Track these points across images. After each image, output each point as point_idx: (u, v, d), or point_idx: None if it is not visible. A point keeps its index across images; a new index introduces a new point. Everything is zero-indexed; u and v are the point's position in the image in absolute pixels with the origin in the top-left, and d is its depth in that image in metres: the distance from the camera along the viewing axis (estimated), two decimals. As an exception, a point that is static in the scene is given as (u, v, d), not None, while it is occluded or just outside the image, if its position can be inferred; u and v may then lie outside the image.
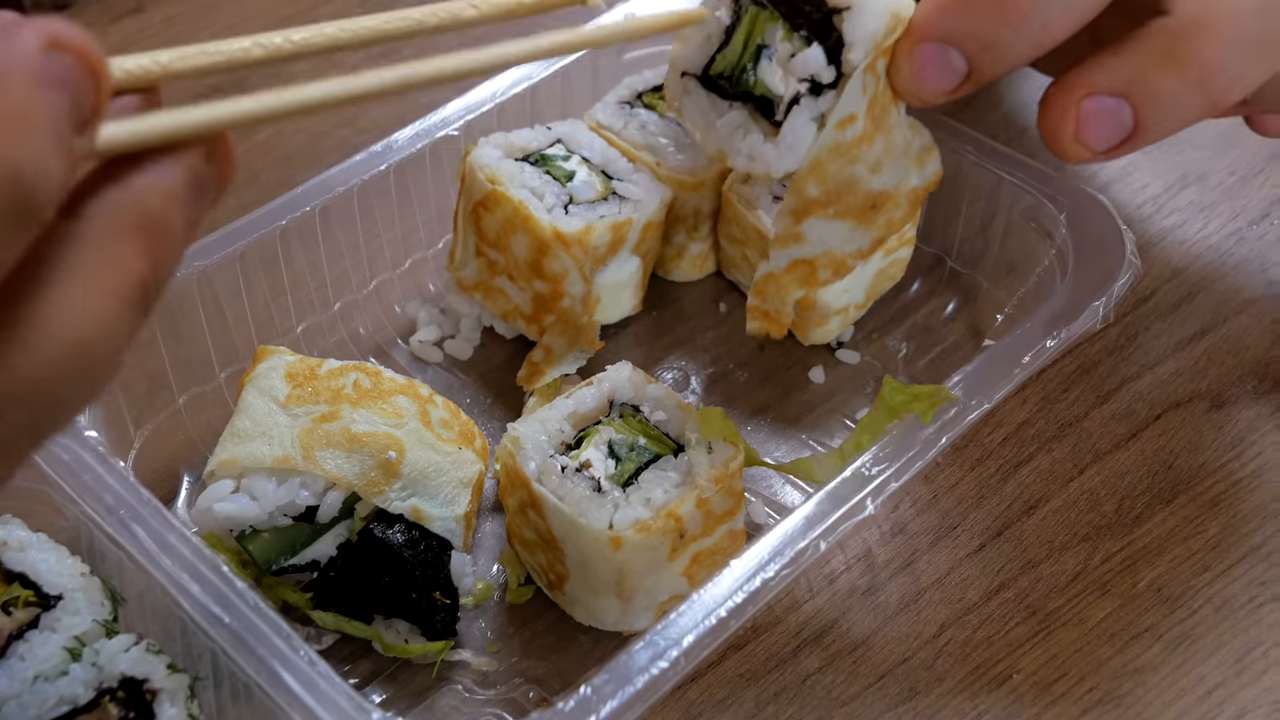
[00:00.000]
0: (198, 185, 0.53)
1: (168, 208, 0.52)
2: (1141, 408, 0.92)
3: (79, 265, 0.49)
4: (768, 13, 0.73)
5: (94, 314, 0.49)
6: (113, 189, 0.51)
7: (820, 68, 0.71)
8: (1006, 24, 0.67)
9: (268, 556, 0.78)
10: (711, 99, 0.74)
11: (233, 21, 1.19)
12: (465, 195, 0.91)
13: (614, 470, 0.78)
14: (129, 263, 0.50)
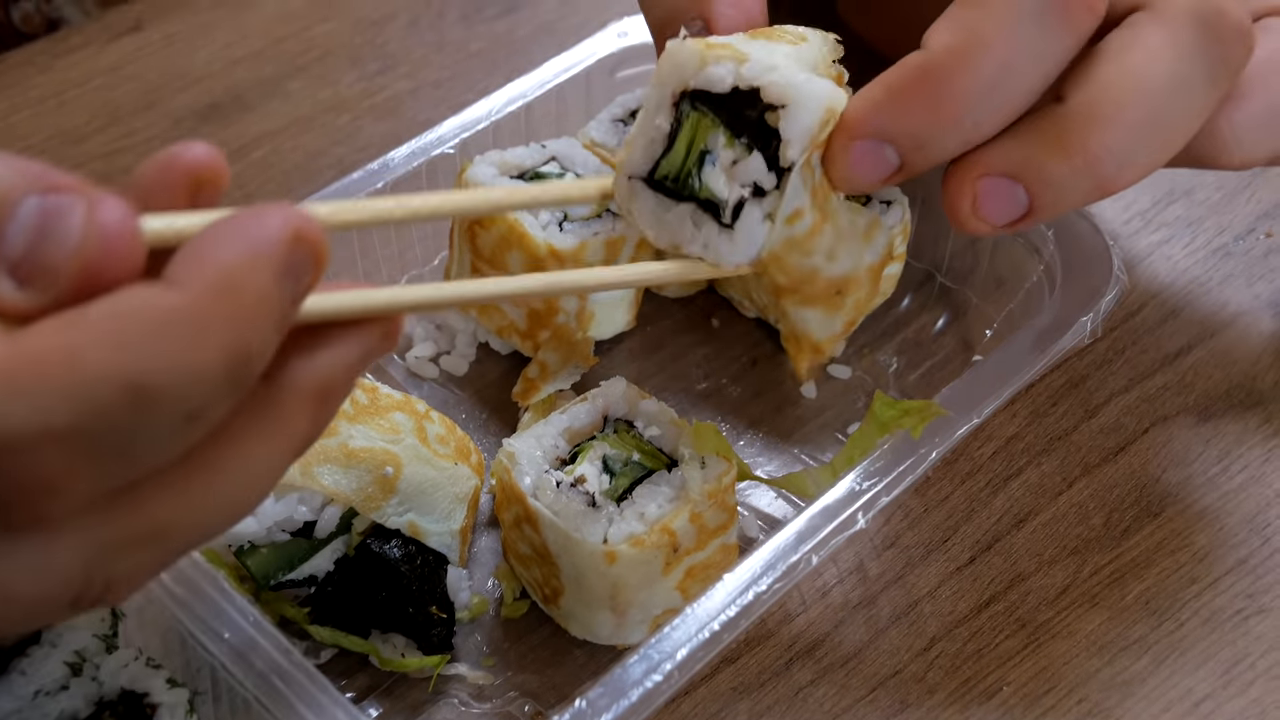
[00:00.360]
0: (369, 359, 0.59)
1: (342, 381, 0.58)
2: (1129, 421, 0.93)
3: (262, 427, 0.55)
4: (708, 119, 0.73)
5: (261, 464, 0.55)
6: (302, 361, 0.56)
7: (762, 174, 0.72)
8: (940, 125, 0.68)
9: (266, 571, 0.79)
10: (659, 198, 0.74)
11: (231, 40, 1.20)
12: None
13: (608, 485, 0.79)
14: (301, 428, 0.56)
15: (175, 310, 0.49)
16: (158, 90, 1.16)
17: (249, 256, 0.51)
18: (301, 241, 0.52)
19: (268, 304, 0.51)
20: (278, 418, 0.55)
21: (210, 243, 0.51)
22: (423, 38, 1.20)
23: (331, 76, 1.17)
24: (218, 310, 0.50)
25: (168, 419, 0.49)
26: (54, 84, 1.16)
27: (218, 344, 0.49)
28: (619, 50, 1.03)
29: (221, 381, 0.50)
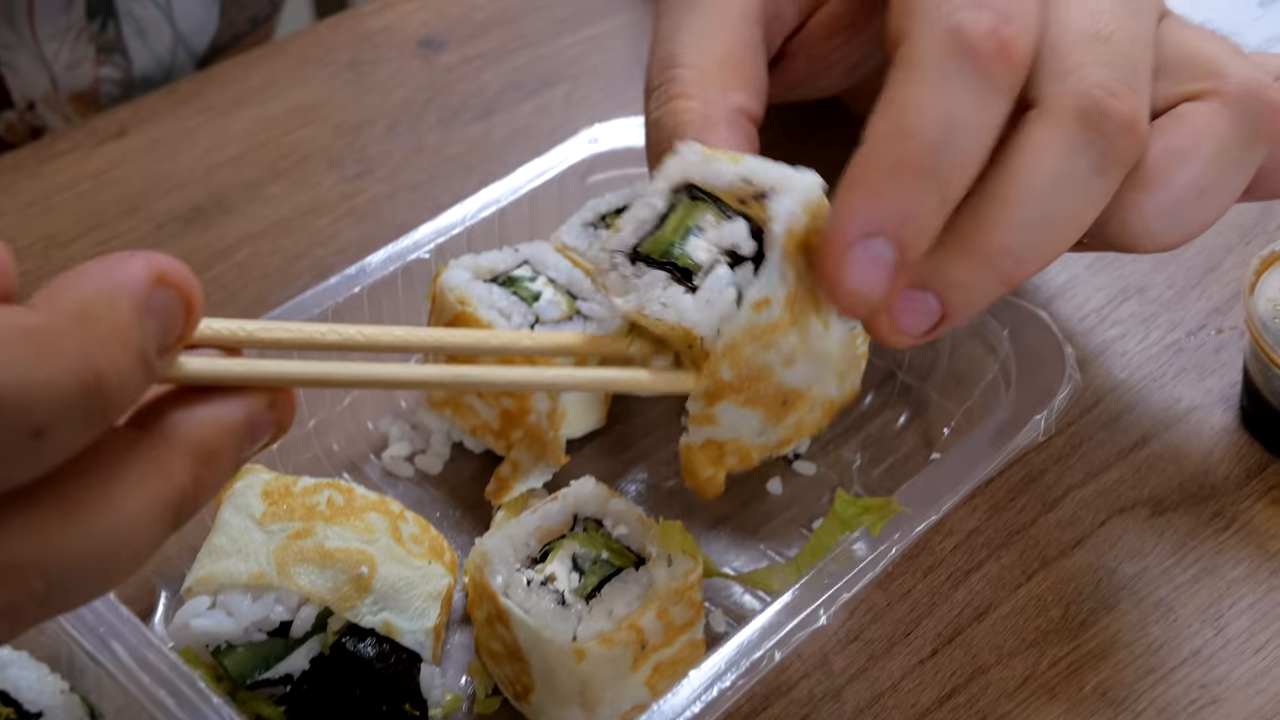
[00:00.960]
0: (254, 428, 0.60)
1: (222, 441, 0.58)
2: (1086, 515, 0.95)
3: (131, 469, 0.54)
4: (704, 204, 0.78)
5: (131, 512, 0.54)
6: (179, 413, 0.57)
7: (742, 238, 0.75)
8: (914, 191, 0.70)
9: (243, 671, 0.81)
10: (636, 267, 0.78)
11: (213, 144, 1.22)
12: (436, 315, 0.95)
13: (577, 583, 0.81)
14: (174, 477, 0.55)
15: (27, 327, 0.49)
16: (142, 194, 1.18)
17: (108, 289, 0.52)
18: (166, 284, 0.53)
19: (125, 336, 0.52)
20: (151, 467, 0.55)
21: (72, 276, 0.53)
22: (401, 142, 1.23)
23: (311, 180, 1.20)
24: (71, 333, 0.50)
25: (13, 431, 0.49)
26: (40, 189, 1.19)
27: (67, 364, 0.50)
28: (590, 156, 1.06)
29: (71, 402, 0.50)
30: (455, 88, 1.29)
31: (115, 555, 0.54)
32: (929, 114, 0.70)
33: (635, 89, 1.26)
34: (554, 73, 1.30)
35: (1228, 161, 0.79)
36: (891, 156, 0.70)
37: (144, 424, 0.57)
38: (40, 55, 1.28)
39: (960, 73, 0.71)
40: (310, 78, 1.30)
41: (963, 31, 0.71)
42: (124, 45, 1.34)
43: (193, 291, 0.55)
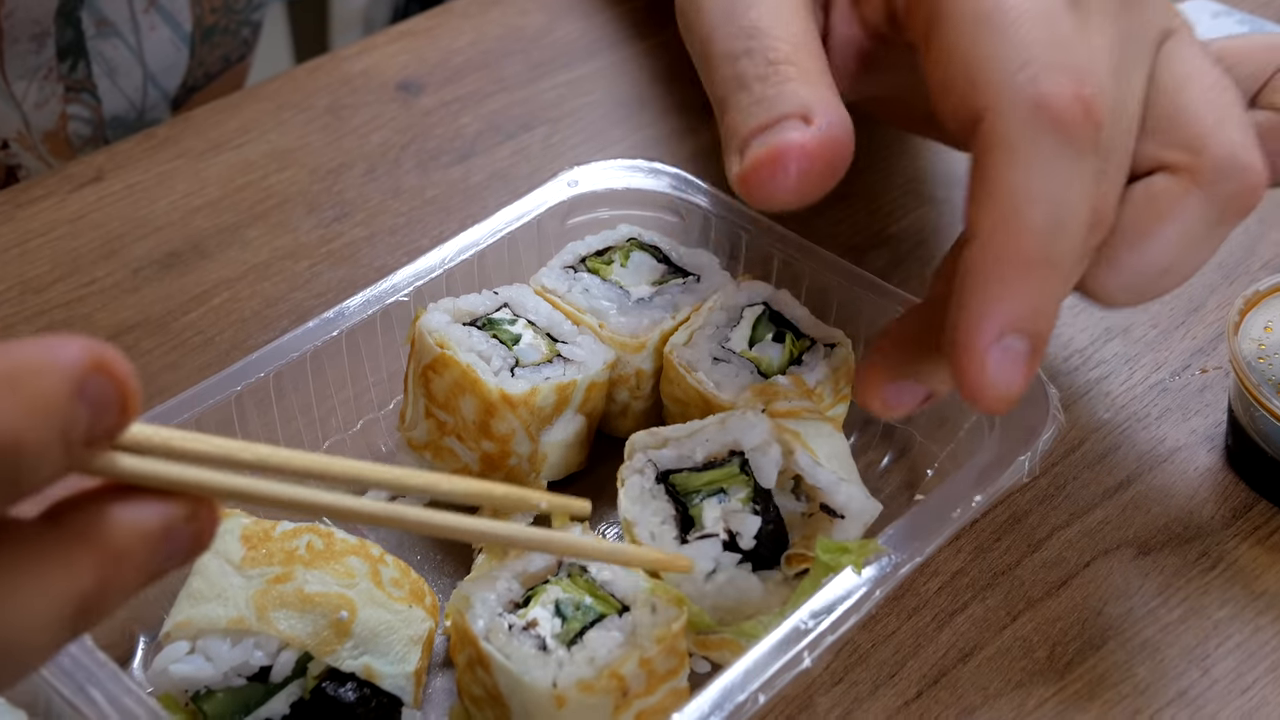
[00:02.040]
0: (170, 538, 0.57)
1: (134, 546, 0.55)
2: (1071, 555, 0.95)
3: (33, 564, 0.52)
4: (745, 479, 0.85)
5: (30, 610, 0.52)
6: (92, 511, 0.55)
7: (749, 534, 0.83)
8: (1042, 286, 0.72)
9: (222, 716, 0.80)
10: (657, 489, 0.85)
11: (191, 189, 1.22)
12: (415, 359, 0.95)
13: (559, 629, 0.80)
14: (79, 578, 0.53)
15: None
16: (118, 239, 1.18)
17: (41, 361, 0.51)
18: (103, 371, 0.52)
19: (50, 410, 0.50)
20: (54, 564, 0.53)
21: (8, 344, 0.51)
22: (379, 185, 1.23)
23: (289, 224, 1.20)
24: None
25: None
26: (16, 234, 1.18)
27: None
28: (570, 198, 1.06)
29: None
30: (433, 131, 1.29)
31: (11, 652, 0.52)
32: (1036, 200, 0.70)
33: (614, 132, 1.27)
34: (532, 116, 1.30)
35: (1194, 241, 0.79)
36: (1010, 251, 0.70)
37: (55, 519, 0.55)
38: (11, 95, 1.28)
39: (1056, 147, 0.71)
40: (288, 122, 1.29)
41: (1048, 102, 0.71)
42: (93, 84, 1.33)
43: (130, 386, 0.53)
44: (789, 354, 0.94)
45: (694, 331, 0.96)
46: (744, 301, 0.97)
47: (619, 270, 1.00)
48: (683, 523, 0.84)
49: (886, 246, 1.17)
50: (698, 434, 0.87)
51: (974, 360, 0.71)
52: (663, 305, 0.98)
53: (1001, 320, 0.71)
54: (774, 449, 0.85)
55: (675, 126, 1.29)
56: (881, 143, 1.27)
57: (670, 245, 1.02)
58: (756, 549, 0.84)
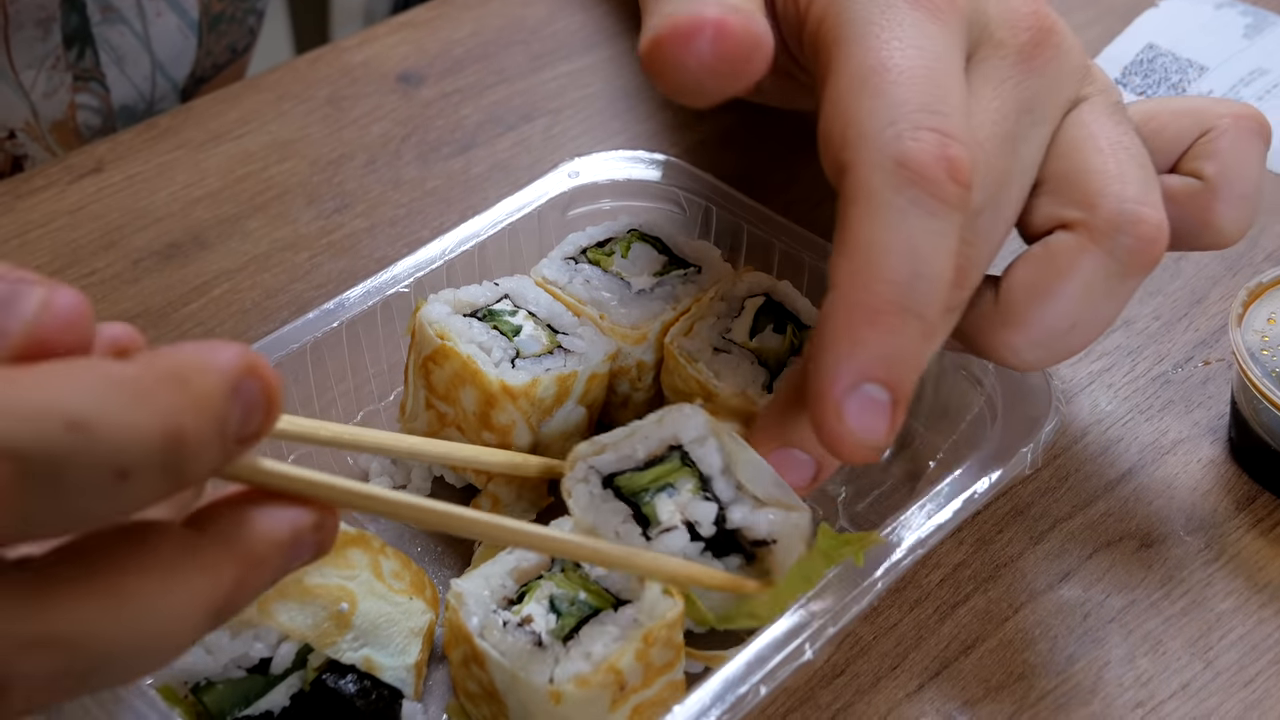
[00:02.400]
0: (298, 545, 0.62)
1: (269, 553, 0.61)
2: (1074, 548, 0.94)
3: (181, 567, 0.57)
4: (689, 471, 0.84)
5: (176, 608, 0.56)
6: (233, 520, 0.60)
7: (707, 521, 0.81)
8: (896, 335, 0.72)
9: (222, 708, 0.80)
10: (605, 494, 0.83)
11: (191, 180, 1.22)
12: (415, 350, 0.94)
13: (555, 625, 0.79)
14: (222, 580, 0.58)
15: (124, 375, 0.52)
16: (118, 230, 1.18)
17: (201, 361, 0.55)
18: (254, 375, 0.56)
19: (212, 406, 0.54)
20: (201, 567, 0.57)
21: (172, 347, 0.55)
22: (379, 176, 1.23)
23: (289, 215, 1.20)
24: (163, 389, 0.53)
25: (99, 468, 0.51)
26: (16, 225, 1.18)
27: (158, 415, 0.52)
28: (570, 190, 1.05)
29: (155, 452, 0.52)
30: (434, 122, 1.28)
31: (156, 646, 0.57)
32: (893, 251, 0.71)
33: (615, 123, 1.27)
34: (533, 107, 1.30)
35: (1096, 296, 0.80)
36: (864, 299, 0.71)
37: (200, 526, 0.59)
38: (19, 84, 1.28)
39: (916, 203, 0.71)
40: (288, 113, 1.29)
41: (909, 159, 0.71)
42: (101, 73, 1.33)
43: (276, 389, 0.57)
44: (790, 344, 0.94)
45: (695, 322, 0.95)
46: (745, 292, 0.97)
47: (620, 261, 1.00)
48: (638, 522, 0.83)
49: (888, 238, 1.16)
50: (635, 434, 0.86)
51: (829, 409, 0.72)
52: (664, 296, 0.97)
53: (857, 367, 0.71)
54: (711, 441, 0.85)
55: (676, 118, 1.28)
56: (883, 134, 1.26)
57: (671, 236, 1.01)
58: (716, 536, 0.82)
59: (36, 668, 0.53)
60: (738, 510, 0.83)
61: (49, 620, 0.53)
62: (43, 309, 0.54)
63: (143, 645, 0.56)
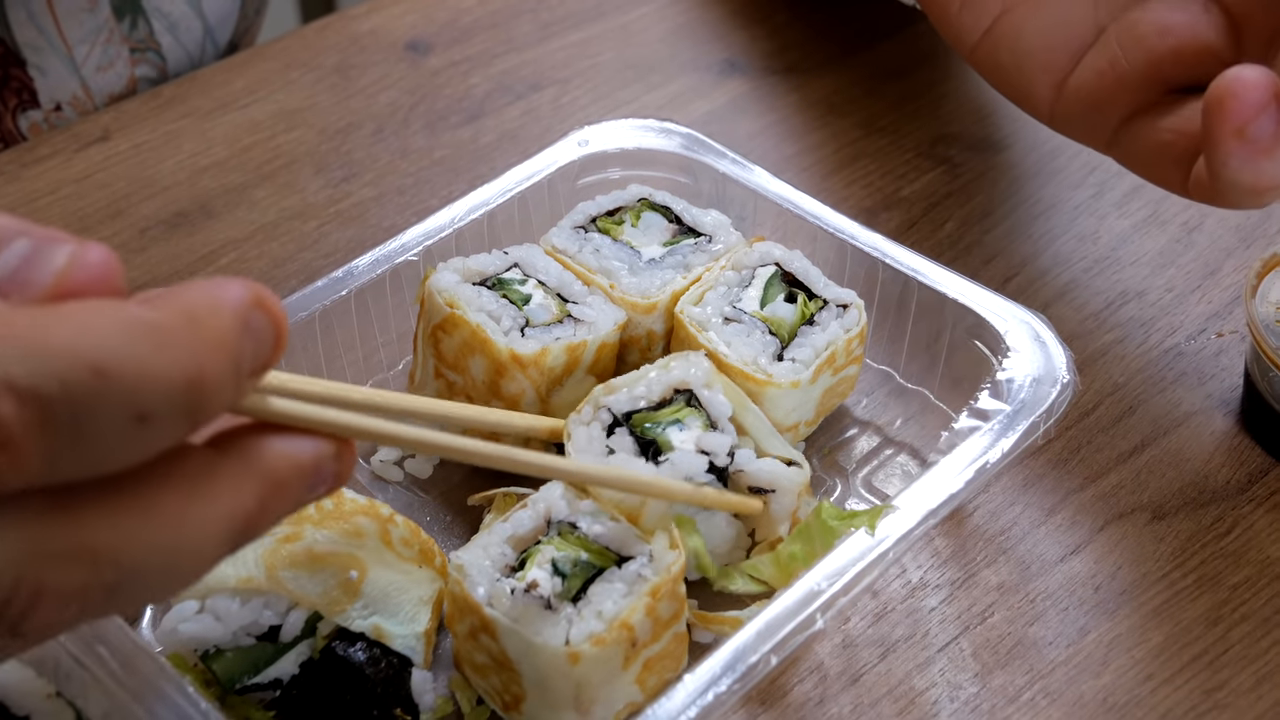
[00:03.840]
0: (319, 473, 0.62)
1: (290, 476, 0.61)
2: (1085, 519, 0.94)
3: (207, 484, 0.57)
4: (697, 411, 0.87)
5: (201, 523, 0.57)
6: (256, 442, 0.60)
7: (722, 451, 0.85)
8: None
9: (231, 675, 0.80)
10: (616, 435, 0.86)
11: (198, 149, 1.21)
12: (424, 318, 0.94)
13: (561, 587, 0.79)
14: (244, 499, 0.58)
15: (144, 320, 0.52)
16: (125, 199, 1.17)
17: (212, 301, 0.55)
18: (262, 307, 0.57)
19: (226, 345, 0.55)
20: (223, 485, 0.58)
21: (180, 288, 0.55)
22: (387, 145, 1.22)
23: (297, 184, 1.19)
24: (182, 332, 0.53)
25: (122, 412, 0.51)
26: (23, 193, 1.17)
27: (178, 359, 0.52)
28: (580, 158, 1.05)
29: (176, 395, 0.52)
30: (442, 91, 1.28)
31: (180, 561, 0.57)
32: None
33: (624, 93, 1.26)
34: (541, 76, 1.29)
35: None
36: None
37: (226, 448, 0.59)
38: (70, 58, 1.27)
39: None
40: (296, 81, 1.28)
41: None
42: (156, 43, 1.32)
43: (282, 320, 0.58)
44: (801, 315, 0.93)
45: (705, 292, 0.95)
46: (756, 262, 0.96)
47: (630, 230, 0.99)
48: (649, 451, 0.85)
49: (899, 208, 1.16)
50: (645, 378, 0.89)
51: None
52: (674, 266, 0.97)
53: None
54: (719, 387, 0.88)
55: (686, 87, 1.28)
56: (893, 104, 1.26)
57: (682, 205, 1.01)
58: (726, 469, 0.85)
59: (67, 580, 0.53)
60: (742, 454, 0.86)
61: (78, 533, 0.53)
62: (72, 261, 0.54)
63: (169, 561, 0.56)
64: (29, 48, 1.25)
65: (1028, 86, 0.95)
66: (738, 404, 0.88)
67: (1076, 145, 1.12)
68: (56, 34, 1.25)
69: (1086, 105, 0.91)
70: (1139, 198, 1.15)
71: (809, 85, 1.28)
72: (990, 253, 1.12)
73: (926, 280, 0.97)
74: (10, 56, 1.24)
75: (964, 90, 1.27)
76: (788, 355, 0.91)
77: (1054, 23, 0.92)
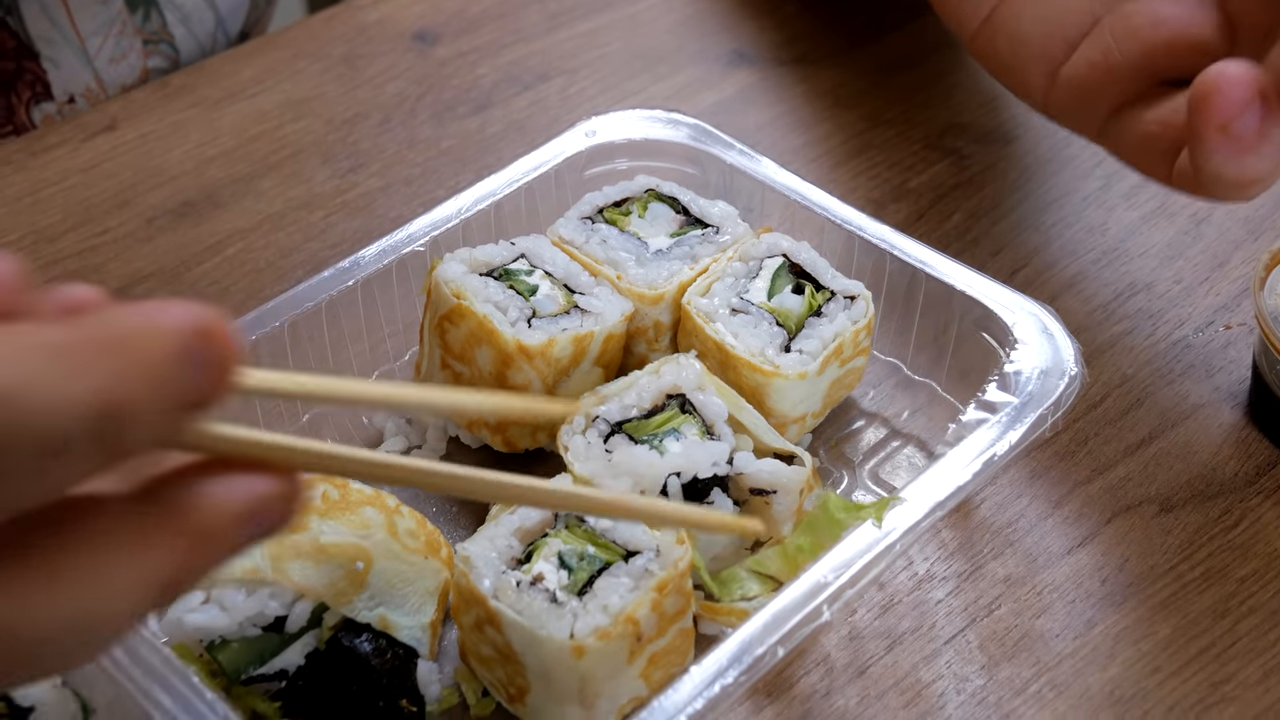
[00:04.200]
0: (258, 518, 0.55)
1: (223, 528, 0.54)
2: (1092, 512, 0.94)
3: (124, 542, 0.52)
4: (693, 418, 0.87)
5: (117, 587, 0.51)
6: (183, 491, 0.54)
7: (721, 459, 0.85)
8: None
9: (237, 666, 0.79)
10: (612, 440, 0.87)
11: (204, 139, 1.21)
12: (431, 309, 0.94)
13: (567, 580, 0.79)
14: (167, 555, 0.53)
15: (56, 343, 0.48)
16: (132, 189, 1.17)
17: (146, 325, 0.50)
18: (206, 337, 0.51)
19: (153, 374, 0.50)
20: (145, 544, 0.53)
21: (118, 308, 0.51)
22: (394, 136, 1.22)
23: (304, 174, 1.19)
24: (99, 358, 0.48)
25: (28, 445, 0.47)
26: (29, 182, 1.17)
27: (90, 386, 0.48)
28: (587, 149, 1.05)
29: (88, 426, 0.48)
30: (449, 82, 1.27)
31: (95, 626, 0.52)
32: None
33: (632, 83, 1.26)
34: (549, 67, 1.29)
35: None
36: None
37: (148, 497, 0.54)
38: (84, 50, 1.27)
39: None
40: (303, 71, 1.28)
41: None
42: (169, 34, 1.32)
43: (232, 354, 0.52)
44: (809, 306, 0.93)
45: (712, 283, 0.95)
46: (763, 253, 0.96)
47: (637, 221, 0.99)
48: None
49: (907, 200, 1.16)
50: (635, 384, 0.89)
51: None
52: (681, 257, 0.97)
53: None
54: (711, 389, 0.88)
55: (694, 78, 1.27)
56: (901, 95, 1.26)
57: (689, 196, 1.01)
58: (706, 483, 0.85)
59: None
60: (740, 457, 0.86)
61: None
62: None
63: (81, 625, 0.51)
64: (42, 40, 1.25)
65: (1023, 74, 0.94)
66: (732, 404, 0.88)
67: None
68: (69, 26, 1.25)
69: (1078, 94, 0.91)
70: (1147, 190, 1.15)
71: (817, 76, 1.28)
72: (998, 244, 1.11)
73: (934, 272, 0.96)
74: (24, 49, 1.24)
75: (972, 82, 1.27)
76: (795, 346, 0.91)
77: (1050, 11, 0.92)
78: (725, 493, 0.86)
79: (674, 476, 0.84)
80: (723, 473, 0.85)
